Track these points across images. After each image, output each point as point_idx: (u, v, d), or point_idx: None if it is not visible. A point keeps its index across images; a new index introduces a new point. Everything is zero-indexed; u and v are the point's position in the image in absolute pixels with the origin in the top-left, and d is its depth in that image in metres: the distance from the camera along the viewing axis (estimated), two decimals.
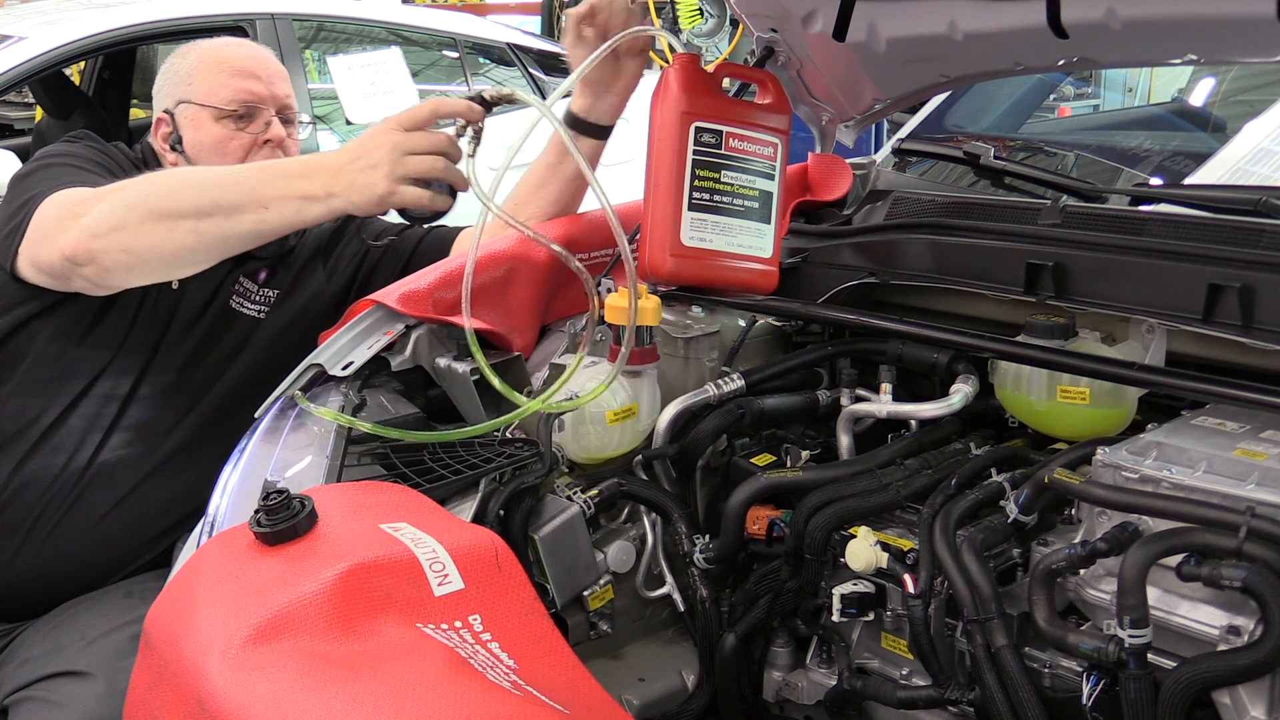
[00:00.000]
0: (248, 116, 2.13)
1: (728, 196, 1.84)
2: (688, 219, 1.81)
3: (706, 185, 1.82)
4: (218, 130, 2.11)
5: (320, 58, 5.09)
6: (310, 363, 1.79)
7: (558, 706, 1.17)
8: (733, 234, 1.85)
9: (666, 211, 1.80)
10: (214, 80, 2.13)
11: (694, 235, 1.82)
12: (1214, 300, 1.56)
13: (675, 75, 1.82)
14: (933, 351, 1.77)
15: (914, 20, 1.98)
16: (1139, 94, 4.82)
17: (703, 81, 1.83)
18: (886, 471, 1.65)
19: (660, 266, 1.81)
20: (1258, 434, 1.39)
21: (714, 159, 1.83)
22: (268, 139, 2.13)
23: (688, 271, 1.84)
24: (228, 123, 2.12)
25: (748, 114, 1.88)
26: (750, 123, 1.87)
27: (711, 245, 1.84)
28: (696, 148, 1.81)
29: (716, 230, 1.84)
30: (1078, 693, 1.35)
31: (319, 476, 1.59)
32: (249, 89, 2.13)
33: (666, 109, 1.82)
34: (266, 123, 2.14)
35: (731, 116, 1.85)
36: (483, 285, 1.90)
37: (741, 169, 1.85)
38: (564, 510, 1.66)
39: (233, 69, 2.14)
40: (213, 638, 1.22)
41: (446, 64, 5.50)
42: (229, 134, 2.11)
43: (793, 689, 1.73)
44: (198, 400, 2.03)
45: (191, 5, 4.71)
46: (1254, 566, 1.21)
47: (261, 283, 2.15)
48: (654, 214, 1.82)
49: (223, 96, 2.11)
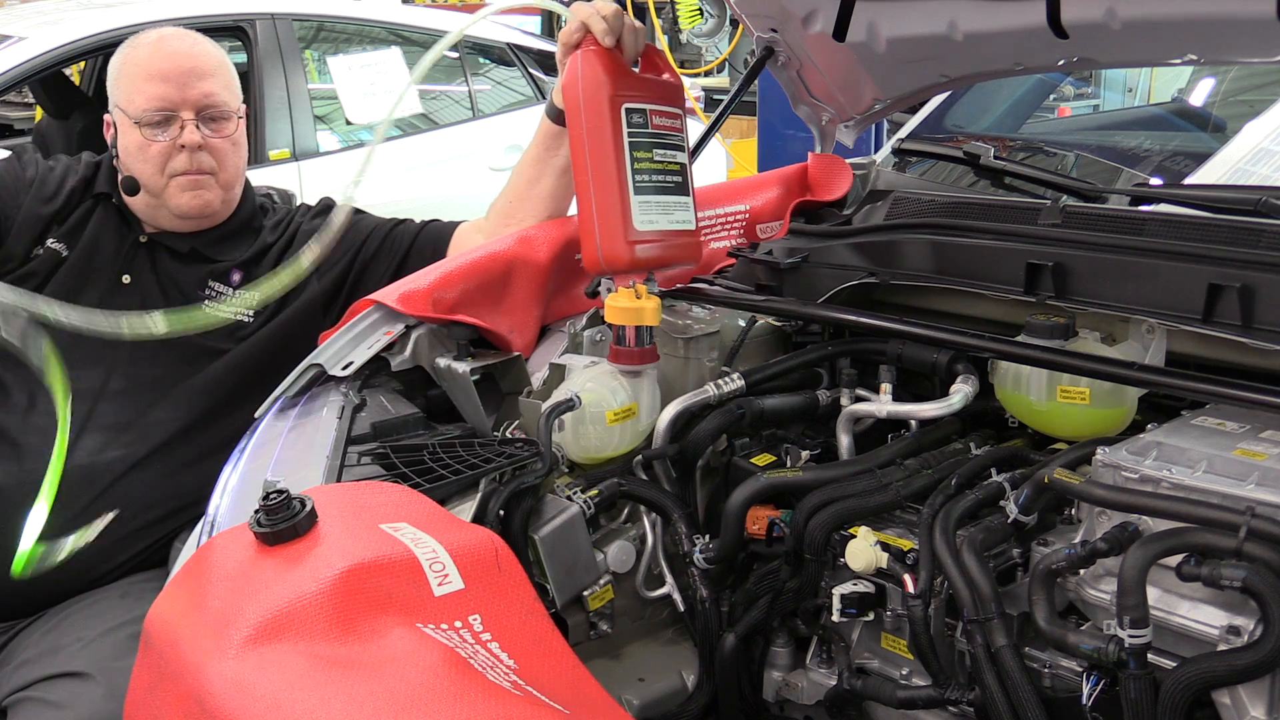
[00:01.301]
0: (162, 123, 2.07)
1: (661, 174, 1.80)
2: (636, 204, 1.76)
3: (644, 166, 1.78)
4: (137, 137, 2.07)
5: (320, 58, 5.09)
6: (310, 363, 1.79)
7: (558, 706, 1.17)
8: (670, 211, 1.81)
9: (614, 201, 1.75)
10: (131, 86, 2.09)
11: (643, 219, 1.77)
12: (1214, 300, 1.56)
13: (595, 60, 1.77)
14: (933, 351, 1.76)
15: (914, 20, 1.98)
16: (1139, 94, 4.82)
17: (618, 62, 1.80)
18: (886, 471, 1.65)
19: (619, 258, 1.76)
20: (1258, 434, 1.39)
21: (645, 139, 1.78)
22: (183, 144, 2.07)
23: (644, 258, 1.78)
24: (145, 129, 2.07)
25: (657, 90, 1.84)
26: (661, 97, 1.83)
27: (658, 226, 1.79)
28: (629, 130, 1.76)
29: (659, 210, 1.79)
30: (1078, 693, 1.35)
31: (319, 476, 1.60)
32: (160, 95, 2.06)
33: (595, 95, 1.76)
34: (182, 127, 2.07)
35: (648, 94, 1.81)
36: (483, 285, 1.90)
37: (666, 144, 1.82)
38: (564, 510, 1.66)
39: (145, 73, 2.09)
40: (213, 637, 1.22)
41: (446, 64, 5.50)
42: (146, 141, 2.07)
43: (793, 689, 1.73)
44: (181, 400, 2.03)
45: (191, 5, 4.71)
46: (1254, 566, 1.21)
47: (236, 284, 2.15)
48: (600, 204, 1.76)
49: (137, 104, 2.07)
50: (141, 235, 2.13)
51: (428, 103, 5.36)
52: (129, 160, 2.10)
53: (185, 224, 2.13)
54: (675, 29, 9.14)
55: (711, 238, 2.29)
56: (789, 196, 2.37)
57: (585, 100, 1.78)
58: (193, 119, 2.08)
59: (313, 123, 4.82)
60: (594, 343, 1.97)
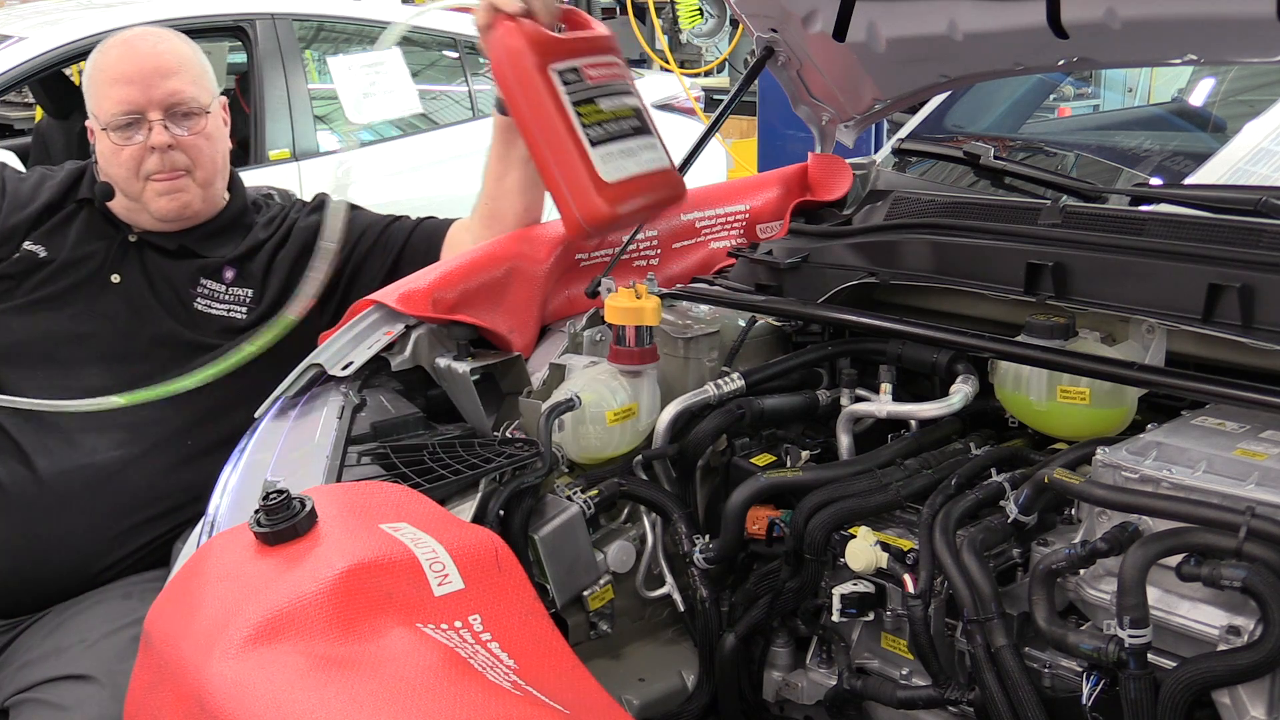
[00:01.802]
0: (130, 126, 2.05)
1: (614, 122, 1.79)
2: (597, 157, 1.75)
3: (594, 119, 1.77)
4: (108, 143, 2.06)
5: (320, 58, 5.09)
6: (310, 363, 1.79)
7: (558, 706, 1.17)
8: (636, 154, 1.80)
9: (574, 160, 1.74)
10: (99, 92, 2.07)
11: (610, 169, 1.76)
12: (1214, 300, 1.56)
13: (510, 35, 1.76)
14: (933, 351, 1.76)
15: (914, 20, 1.98)
16: (1139, 94, 4.82)
17: (535, 31, 1.78)
18: (886, 471, 1.65)
19: (596, 212, 1.75)
20: (1258, 434, 1.39)
21: (586, 92, 1.78)
22: (153, 146, 2.05)
23: (624, 206, 1.77)
24: (114, 134, 2.05)
25: (585, 45, 1.82)
26: (592, 49, 1.82)
27: (629, 172, 1.78)
28: (567, 89, 1.75)
29: (624, 156, 1.78)
30: (1078, 693, 1.35)
31: (319, 476, 1.59)
32: (125, 98, 2.04)
33: (520, 69, 1.76)
34: (150, 129, 2.05)
35: (576, 50, 1.79)
36: (482, 285, 1.90)
37: (610, 93, 1.81)
38: (564, 510, 1.66)
39: (110, 78, 2.07)
40: (213, 638, 1.22)
41: (446, 64, 5.50)
42: (117, 146, 2.05)
43: (793, 689, 1.73)
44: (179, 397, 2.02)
45: (191, 5, 4.71)
46: (1254, 566, 1.21)
47: (229, 282, 2.14)
48: (562, 169, 1.76)
49: (105, 110, 2.05)
50: (131, 235, 2.13)
51: (428, 103, 5.36)
52: (105, 166, 2.09)
53: (168, 225, 2.13)
54: (675, 29, 9.14)
55: (711, 238, 2.29)
56: (789, 196, 2.37)
57: (513, 77, 1.78)
58: (160, 119, 2.05)
59: (313, 123, 4.83)
60: (594, 343, 1.97)
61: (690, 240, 2.26)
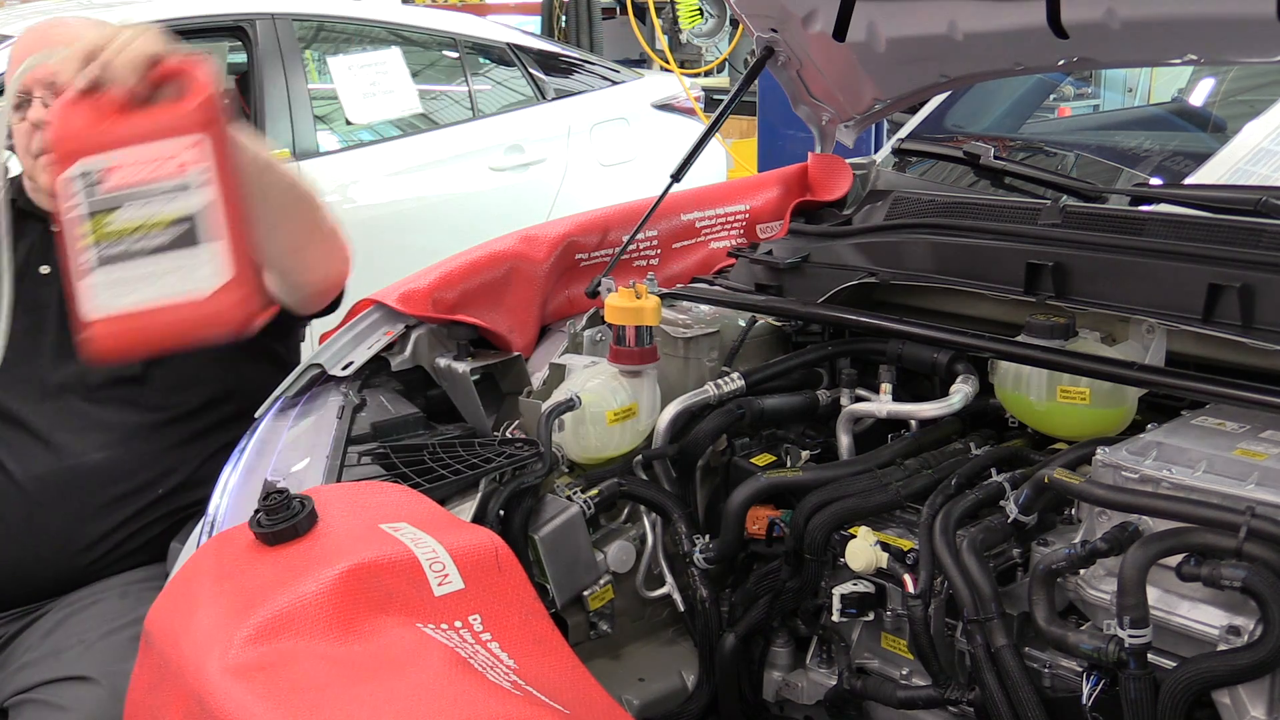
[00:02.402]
0: (19, 107, 1.96)
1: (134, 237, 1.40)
2: (98, 280, 1.39)
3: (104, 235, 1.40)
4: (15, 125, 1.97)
5: (320, 58, 5.09)
6: (310, 363, 1.79)
7: (558, 706, 1.17)
8: (157, 280, 1.41)
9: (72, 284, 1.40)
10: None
11: (98, 304, 1.40)
12: (1214, 300, 1.56)
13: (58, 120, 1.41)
14: (933, 351, 1.77)
15: (914, 20, 1.98)
16: (1139, 94, 4.81)
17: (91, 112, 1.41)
18: (886, 471, 1.65)
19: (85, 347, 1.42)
20: (1258, 434, 1.39)
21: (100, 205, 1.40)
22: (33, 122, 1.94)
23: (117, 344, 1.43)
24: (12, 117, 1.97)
25: (150, 125, 1.41)
26: (153, 134, 1.40)
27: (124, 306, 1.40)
28: (81, 194, 1.39)
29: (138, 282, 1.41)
30: (1078, 693, 1.35)
31: (319, 476, 1.60)
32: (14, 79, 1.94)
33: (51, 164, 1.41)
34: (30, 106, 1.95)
35: (122, 138, 1.40)
36: (482, 285, 1.91)
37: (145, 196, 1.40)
38: (564, 510, 1.66)
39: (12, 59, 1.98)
40: (213, 637, 1.22)
41: (446, 64, 5.50)
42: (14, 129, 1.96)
43: (793, 689, 1.73)
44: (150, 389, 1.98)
45: (191, 5, 4.71)
46: (1254, 566, 1.21)
47: None
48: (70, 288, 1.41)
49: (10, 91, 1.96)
50: (53, 225, 2.09)
51: (428, 103, 5.36)
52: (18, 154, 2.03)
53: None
54: (675, 29, 9.14)
55: (711, 238, 2.29)
56: (789, 196, 2.37)
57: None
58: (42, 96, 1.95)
59: (313, 123, 4.82)
60: (594, 343, 1.97)
61: (690, 240, 2.26)
